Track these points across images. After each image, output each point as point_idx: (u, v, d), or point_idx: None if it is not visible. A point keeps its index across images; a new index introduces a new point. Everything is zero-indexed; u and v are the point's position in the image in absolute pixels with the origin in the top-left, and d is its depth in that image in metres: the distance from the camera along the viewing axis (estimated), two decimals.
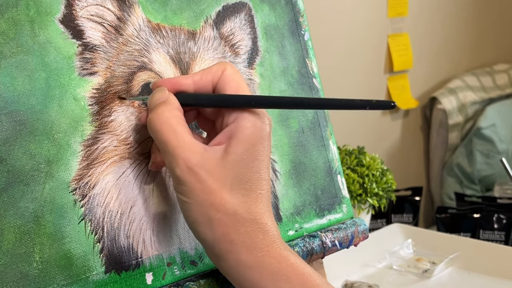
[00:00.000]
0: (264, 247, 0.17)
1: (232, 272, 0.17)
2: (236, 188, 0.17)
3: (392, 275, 0.44)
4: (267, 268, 0.16)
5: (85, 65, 0.19)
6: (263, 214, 0.17)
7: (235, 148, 0.17)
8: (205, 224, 0.17)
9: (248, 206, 0.17)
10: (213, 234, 0.17)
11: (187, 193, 0.17)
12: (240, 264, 0.17)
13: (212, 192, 0.17)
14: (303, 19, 0.27)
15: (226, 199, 0.17)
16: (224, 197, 0.17)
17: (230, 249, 0.17)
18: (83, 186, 0.18)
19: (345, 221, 0.26)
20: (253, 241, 0.17)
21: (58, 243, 0.17)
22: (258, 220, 0.17)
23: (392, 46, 0.79)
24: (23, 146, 0.17)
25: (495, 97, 0.88)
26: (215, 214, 0.16)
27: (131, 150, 0.20)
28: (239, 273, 0.17)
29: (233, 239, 0.17)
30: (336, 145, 0.27)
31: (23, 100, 0.17)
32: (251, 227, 0.17)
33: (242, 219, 0.17)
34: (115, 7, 0.20)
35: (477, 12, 0.93)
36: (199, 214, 0.17)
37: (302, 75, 0.26)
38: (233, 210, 0.17)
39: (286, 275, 0.16)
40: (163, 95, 0.18)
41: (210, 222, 0.17)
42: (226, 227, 0.17)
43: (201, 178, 0.16)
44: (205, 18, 0.23)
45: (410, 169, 0.86)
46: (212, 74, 0.18)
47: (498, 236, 0.56)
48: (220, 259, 0.17)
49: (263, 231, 0.17)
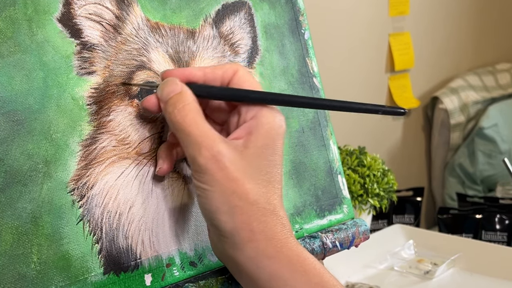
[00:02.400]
0: (283, 238, 0.17)
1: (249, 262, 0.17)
2: (257, 179, 0.17)
3: (393, 276, 0.44)
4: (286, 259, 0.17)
5: (83, 64, 0.19)
6: (280, 207, 0.18)
7: (256, 142, 0.17)
8: (226, 213, 0.17)
9: (268, 197, 0.17)
10: (233, 223, 0.17)
11: (209, 181, 0.17)
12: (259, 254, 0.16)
13: (235, 179, 0.17)
14: (303, 18, 0.26)
15: (248, 188, 0.17)
16: (246, 186, 0.17)
17: (250, 238, 0.16)
18: (81, 186, 0.18)
19: (346, 222, 0.26)
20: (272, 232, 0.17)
21: (56, 244, 0.17)
22: (277, 212, 0.17)
23: (393, 45, 0.78)
24: (20, 146, 0.17)
25: (497, 96, 0.88)
26: (237, 202, 0.17)
27: (130, 150, 0.20)
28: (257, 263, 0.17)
29: (254, 228, 0.17)
30: (336, 145, 0.27)
31: (20, 100, 0.17)
32: (271, 217, 0.17)
33: (263, 208, 0.17)
34: (113, 6, 0.20)
35: (480, 10, 0.92)
36: (220, 203, 0.17)
37: (302, 74, 0.26)
38: (254, 199, 0.17)
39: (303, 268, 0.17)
40: (177, 86, 0.18)
41: (231, 210, 0.17)
42: (248, 215, 0.17)
43: (224, 165, 0.17)
44: (204, 17, 0.23)
45: (412, 170, 0.86)
46: (224, 71, 0.19)
47: (500, 237, 0.56)
48: (238, 249, 0.17)
49: (281, 223, 0.17)
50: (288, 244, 0.17)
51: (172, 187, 0.20)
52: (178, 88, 0.18)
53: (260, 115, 0.18)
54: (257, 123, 0.18)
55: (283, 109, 0.25)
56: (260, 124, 0.18)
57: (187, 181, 0.21)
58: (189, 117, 0.17)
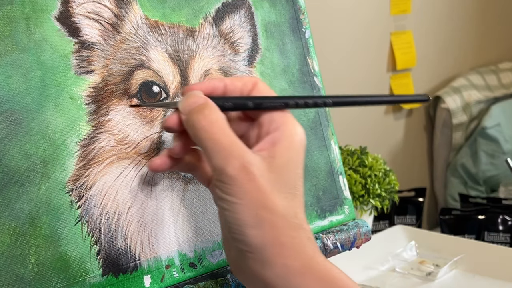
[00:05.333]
0: (312, 253, 0.16)
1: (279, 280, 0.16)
2: (285, 192, 0.17)
3: (395, 277, 0.44)
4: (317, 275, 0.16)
5: (81, 63, 0.19)
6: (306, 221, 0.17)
7: (282, 154, 0.17)
8: (254, 227, 0.16)
9: (295, 211, 0.17)
10: (263, 237, 0.16)
11: (238, 193, 0.16)
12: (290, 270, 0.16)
13: (265, 192, 0.16)
14: (304, 17, 0.26)
15: (277, 201, 0.16)
16: (276, 199, 0.16)
17: (280, 253, 0.16)
18: (79, 187, 0.18)
19: (347, 223, 0.26)
20: (301, 247, 0.16)
21: (54, 245, 0.17)
22: (304, 226, 0.17)
23: (395, 44, 0.78)
24: (18, 146, 0.17)
25: (500, 96, 0.87)
26: (267, 215, 0.16)
27: (129, 150, 0.19)
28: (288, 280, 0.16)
29: (284, 242, 0.16)
30: (337, 145, 0.27)
31: (18, 99, 0.17)
32: (299, 232, 0.16)
33: (292, 223, 0.16)
34: (112, 4, 0.20)
35: (482, 9, 0.92)
36: (248, 216, 0.16)
37: (303, 73, 0.26)
38: (284, 213, 0.16)
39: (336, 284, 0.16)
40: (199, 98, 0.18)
41: (261, 223, 0.16)
42: (278, 229, 0.16)
43: (254, 177, 0.16)
44: (204, 15, 0.23)
45: (414, 170, 0.85)
46: (243, 83, 0.18)
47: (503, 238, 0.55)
48: (266, 266, 0.16)
49: (309, 238, 0.17)
50: (317, 259, 0.16)
51: (172, 187, 0.20)
52: (201, 99, 0.17)
53: (284, 127, 0.17)
54: (281, 135, 0.17)
55: None
56: (284, 136, 0.17)
57: (187, 181, 0.20)
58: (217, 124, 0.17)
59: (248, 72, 0.24)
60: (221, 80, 0.19)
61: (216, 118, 0.17)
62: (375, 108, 0.78)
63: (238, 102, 0.18)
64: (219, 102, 0.18)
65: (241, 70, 0.24)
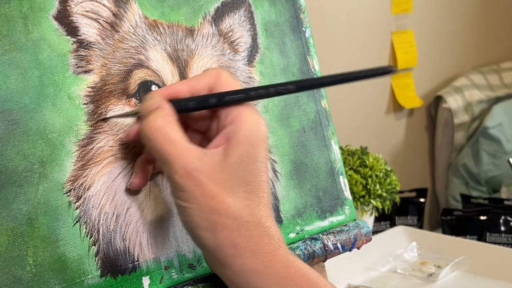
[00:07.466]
0: (270, 251, 0.16)
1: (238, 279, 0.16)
2: (238, 191, 0.16)
3: (396, 279, 0.44)
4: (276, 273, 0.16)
5: (80, 62, 0.19)
6: (267, 217, 0.17)
7: (235, 150, 0.16)
8: (207, 229, 0.16)
9: (251, 209, 0.16)
10: (215, 239, 0.16)
11: (188, 198, 0.16)
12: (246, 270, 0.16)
13: (214, 195, 0.16)
14: (304, 16, 0.26)
15: (229, 203, 0.16)
16: (226, 200, 0.16)
17: (234, 254, 0.16)
18: (78, 187, 0.18)
19: (347, 223, 0.25)
20: (258, 246, 0.16)
21: (52, 246, 0.17)
22: (262, 224, 0.16)
23: (396, 43, 0.78)
24: (16, 146, 0.17)
25: (502, 95, 0.86)
26: (218, 218, 0.16)
27: (127, 150, 0.19)
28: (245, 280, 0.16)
29: (237, 243, 0.16)
30: (338, 145, 0.26)
31: (16, 99, 0.17)
32: (256, 231, 0.16)
33: (246, 222, 0.16)
34: (110, 3, 0.20)
35: (484, 8, 0.91)
36: (200, 219, 0.16)
37: (303, 73, 0.25)
38: (236, 214, 0.16)
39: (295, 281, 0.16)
40: (155, 101, 0.17)
41: (212, 226, 0.16)
42: (230, 231, 0.16)
43: (201, 182, 0.16)
44: (203, 15, 0.22)
45: (415, 170, 0.85)
46: (208, 78, 0.18)
47: (505, 239, 0.55)
48: (224, 266, 0.16)
49: (268, 235, 0.16)
50: (277, 257, 0.16)
51: (171, 188, 0.20)
52: (156, 103, 0.17)
53: (239, 119, 0.17)
54: (236, 129, 0.17)
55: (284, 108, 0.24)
56: (239, 130, 0.16)
57: None
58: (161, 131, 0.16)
59: (247, 72, 0.24)
60: (186, 82, 0.18)
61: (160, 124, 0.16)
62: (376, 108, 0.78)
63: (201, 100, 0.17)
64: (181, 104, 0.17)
65: (241, 70, 0.23)
